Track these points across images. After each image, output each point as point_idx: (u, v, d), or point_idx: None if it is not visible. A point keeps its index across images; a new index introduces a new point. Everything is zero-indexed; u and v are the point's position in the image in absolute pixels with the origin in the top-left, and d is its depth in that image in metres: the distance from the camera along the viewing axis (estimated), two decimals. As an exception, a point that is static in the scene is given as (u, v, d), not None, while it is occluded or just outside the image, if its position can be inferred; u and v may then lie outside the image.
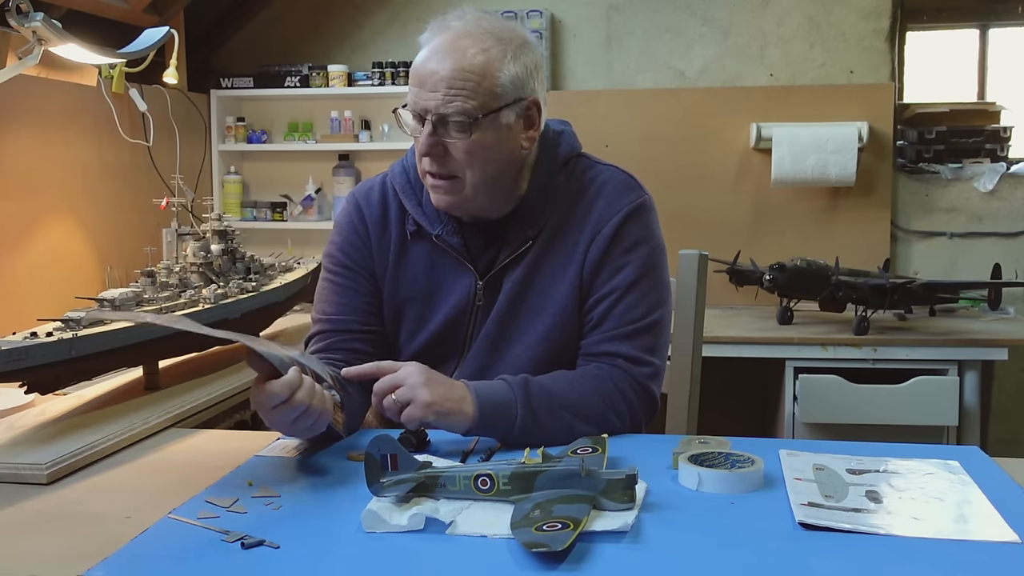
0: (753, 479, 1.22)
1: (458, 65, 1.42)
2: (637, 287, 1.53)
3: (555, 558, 0.99)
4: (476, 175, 1.47)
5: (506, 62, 1.45)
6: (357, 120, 3.78)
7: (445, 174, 1.47)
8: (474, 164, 1.46)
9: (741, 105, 3.54)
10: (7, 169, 2.56)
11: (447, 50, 1.43)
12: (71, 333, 1.66)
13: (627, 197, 1.56)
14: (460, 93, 1.42)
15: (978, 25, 3.69)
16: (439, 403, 1.37)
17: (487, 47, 1.44)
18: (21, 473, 1.37)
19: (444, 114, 1.42)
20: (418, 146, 1.48)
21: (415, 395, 1.37)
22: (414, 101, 1.45)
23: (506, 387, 1.43)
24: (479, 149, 1.45)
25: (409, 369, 1.40)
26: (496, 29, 1.47)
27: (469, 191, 1.48)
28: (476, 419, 1.39)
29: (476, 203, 1.51)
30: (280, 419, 1.28)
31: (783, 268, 2.90)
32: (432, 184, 1.50)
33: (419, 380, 1.38)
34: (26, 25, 2.02)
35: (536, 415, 1.41)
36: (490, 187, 1.50)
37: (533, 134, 1.53)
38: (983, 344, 2.83)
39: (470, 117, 1.43)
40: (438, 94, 1.42)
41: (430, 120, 1.43)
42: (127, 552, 1.06)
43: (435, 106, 1.42)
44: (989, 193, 3.49)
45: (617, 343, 1.51)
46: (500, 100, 1.45)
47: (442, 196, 1.50)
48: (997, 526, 1.08)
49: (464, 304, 1.57)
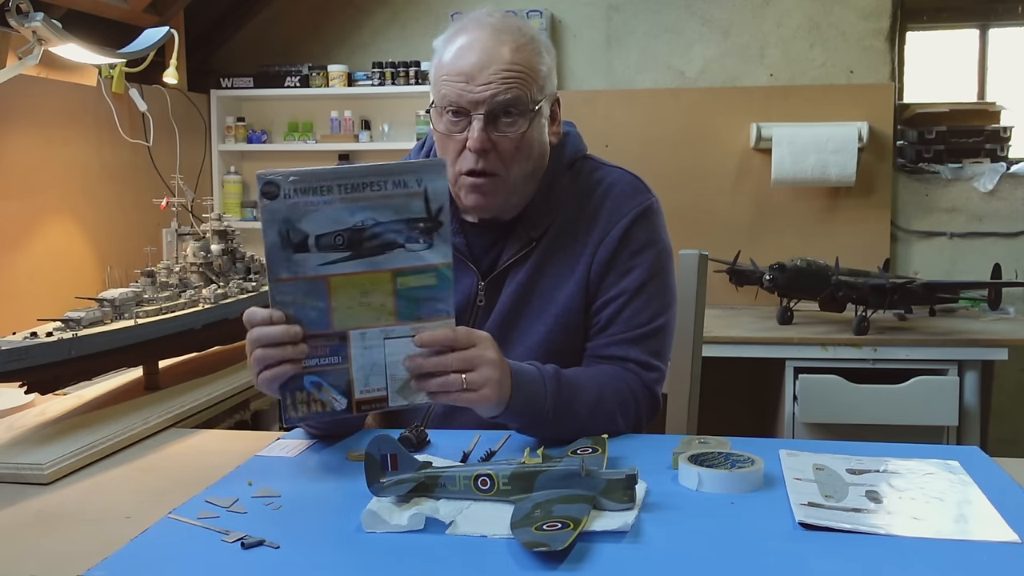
0: (753, 479, 1.22)
1: (508, 58, 1.42)
2: (645, 290, 1.53)
3: (555, 558, 0.99)
4: (519, 171, 1.47)
5: (544, 57, 1.48)
6: (357, 120, 3.78)
7: (490, 171, 1.46)
8: (519, 158, 1.46)
9: (741, 105, 3.54)
10: (7, 169, 2.56)
11: (491, 44, 1.43)
12: (71, 333, 1.66)
13: (635, 199, 1.56)
14: (515, 84, 1.42)
15: (978, 25, 3.69)
16: (499, 403, 1.30)
17: (525, 42, 1.45)
18: (21, 473, 1.37)
19: (501, 103, 1.42)
20: (453, 147, 1.45)
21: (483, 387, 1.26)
22: (458, 96, 1.43)
23: (538, 378, 1.38)
24: (527, 143, 1.46)
25: (488, 356, 1.27)
26: (525, 27, 1.49)
27: (510, 188, 1.48)
28: (505, 411, 1.33)
29: (512, 202, 1.51)
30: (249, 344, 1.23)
31: (783, 268, 2.90)
32: (473, 183, 1.47)
33: (495, 376, 1.27)
34: (26, 25, 2.02)
35: (561, 409, 1.38)
36: (525, 184, 1.51)
37: (557, 129, 1.56)
38: (983, 344, 2.83)
39: (525, 108, 1.44)
40: (492, 85, 1.41)
41: (481, 115, 1.42)
42: (127, 552, 1.06)
43: (488, 98, 1.42)
44: (989, 193, 3.49)
45: (626, 347, 1.51)
46: (542, 93, 1.48)
47: (481, 197, 1.48)
48: (997, 526, 1.08)
49: (465, 304, 1.56)
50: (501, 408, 1.33)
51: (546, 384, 1.39)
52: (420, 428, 1.43)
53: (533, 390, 1.37)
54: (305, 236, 1.20)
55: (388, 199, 1.21)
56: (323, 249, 1.20)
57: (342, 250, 1.21)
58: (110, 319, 1.80)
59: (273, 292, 1.22)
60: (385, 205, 1.21)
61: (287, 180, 1.18)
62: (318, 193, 1.19)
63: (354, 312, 1.24)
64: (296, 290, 1.21)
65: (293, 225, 1.19)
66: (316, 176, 1.19)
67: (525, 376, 1.37)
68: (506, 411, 1.35)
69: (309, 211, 1.19)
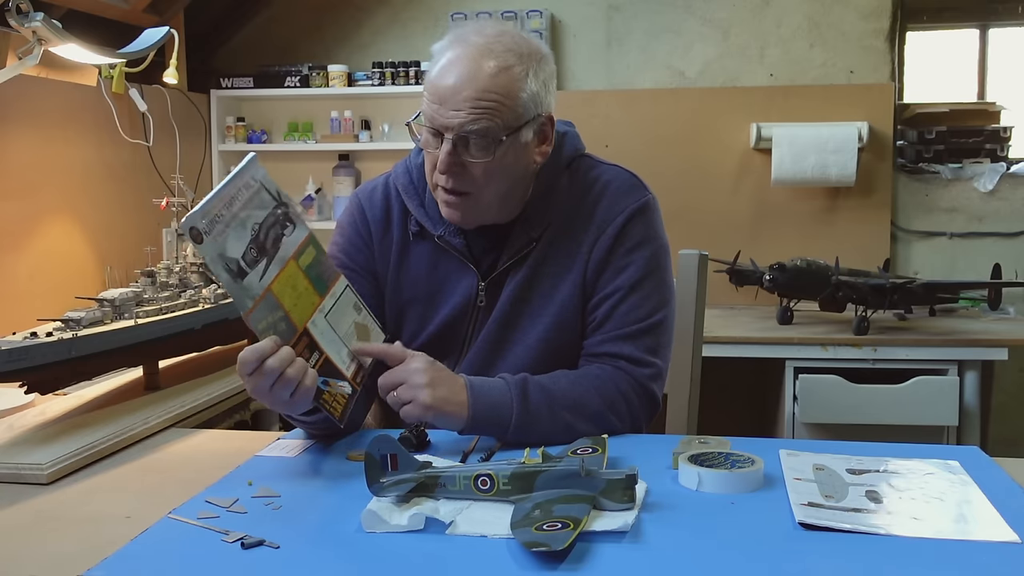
0: (753, 479, 1.22)
1: (482, 85, 1.40)
2: (640, 287, 1.53)
3: (555, 558, 0.99)
4: (490, 192, 1.47)
5: (528, 81, 1.43)
6: (357, 120, 3.78)
7: (460, 190, 1.46)
8: (490, 183, 1.46)
9: (741, 105, 3.54)
10: (7, 169, 2.56)
11: (470, 68, 1.40)
12: (71, 333, 1.66)
13: (631, 197, 1.56)
14: (484, 114, 1.40)
15: (978, 25, 3.69)
16: (438, 407, 1.37)
17: (509, 65, 1.42)
18: (21, 473, 1.37)
19: (467, 134, 1.41)
20: (429, 160, 1.47)
21: (415, 396, 1.37)
22: (432, 117, 1.43)
23: (504, 388, 1.42)
24: (498, 169, 1.45)
25: (415, 366, 1.39)
26: (516, 45, 1.44)
27: (482, 207, 1.49)
28: (470, 421, 1.40)
29: (487, 216, 1.52)
30: (257, 387, 1.25)
31: (783, 268, 2.90)
32: (444, 199, 1.48)
33: (422, 381, 1.38)
34: (26, 25, 2.02)
35: (533, 415, 1.41)
36: (501, 202, 1.50)
37: (546, 148, 1.53)
38: (983, 344, 2.83)
39: (494, 138, 1.41)
40: (461, 112, 1.40)
41: (450, 139, 1.42)
42: (127, 552, 1.06)
43: (457, 125, 1.40)
44: (989, 193, 3.49)
45: (619, 344, 1.51)
46: (521, 119, 1.44)
47: (454, 211, 1.49)
48: (997, 526, 1.08)
49: (465, 305, 1.56)
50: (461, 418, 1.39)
51: (511, 390, 1.42)
52: (420, 428, 1.43)
53: (495, 396, 1.41)
54: (237, 261, 1.24)
55: (251, 202, 1.29)
56: (251, 265, 1.26)
57: (260, 259, 1.27)
58: (110, 319, 1.80)
59: (254, 324, 1.25)
60: (254, 207, 1.29)
61: (197, 218, 1.20)
62: (219, 220, 1.23)
63: (300, 307, 1.32)
64: (264, 312, 1.26)
65: (226, 256, 1.23)
66: (209, 204, 1.22)
67: (485, 384, 1.43)
68: (472, 420, 1.40)
69: (225, 238, 1.23)
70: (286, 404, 1.29)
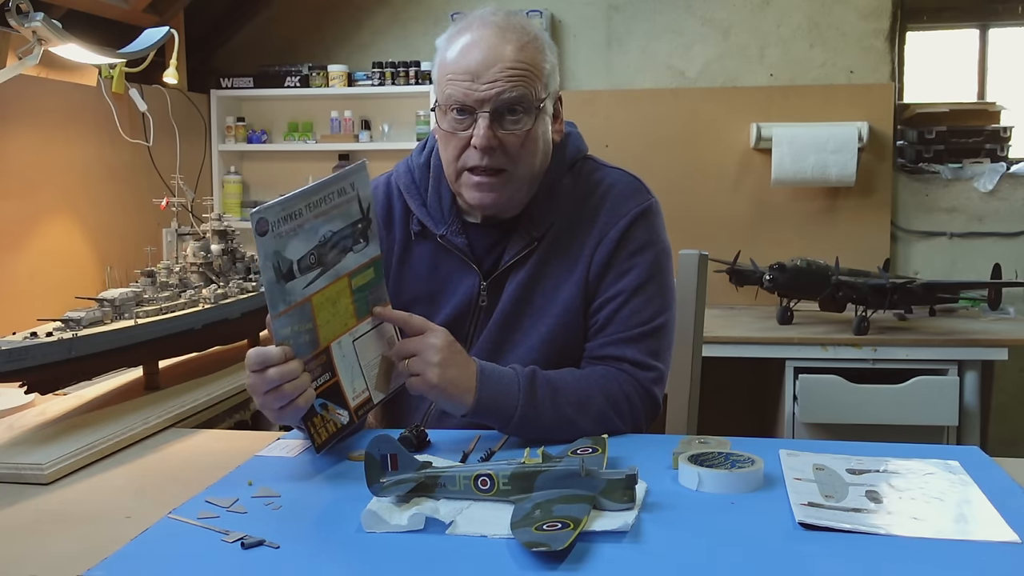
0: (753, 479, 1.22)
1: (513, 56, 1.43)
2: (643, 290, 1.53)
3: (555, 558, 0.99)
4: (525, 167, 1.48)
5: (547, 55, 1.49)
6: (357, 120, 3.78)
7: (494, 168, 1.46)
8: (524, 155, 1.47)
9: (741, 105, 3.54)
10: (7, 169, 2.56)
11: (496, 42, 1.44)
12: (71, 333, 1.66)
13: (634, 200, 1.56)
14: (520, 82, 1.43)
15: (978, 25, 3.69)
16: (443, 388, 1.36)
17: (530, 40, 1.46)
18: (21, 473, 1.37)
19: (507, 101, 1.42)
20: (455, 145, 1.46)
21: (424, 371, 1.36)
22: (464, 94, 1.43)
23: (513, 377, 1.42)
24: (533, 140, 1.47)
25: (432, 341, 1.37)
26: (529, 25, 1.50)
27: (515, 184, 1.49)
28: (475, 406, 1.39)
29: (517, 198, 1.52)
30: (253, 386, 1.26)
31: (783, 268, 2.90)
32: (478, 182, 1.47)
33: (435, 359, 1.36)
34: (26, 25, 2.02)
35: (538, 409, 1.41)
36: (530, 181, 1.51)
37: (560, 127, 1.57)
38: (983, 344, 2.83)
39: (531, 105, 1.44)
40: (498, 83, 1.42)
41: (487, 113, 1.43)
42: (127, 552, 1.06)
43: (494, 95, 1.42)
44: (989, 193, 3.49)
45: (622, 347, 1.51)
46: (546, 90, 1.49)
47: (487, 193, 1.48)
48: (997, 526, 1.08)
49: (467, 304, 1.56)
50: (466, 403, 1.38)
51: (519, 380, 1.41)
52: (420, 428, 1.43)
53: (503, 385, 1.40)
54: (291, 263, 1.23)
55: (337, 209, 1.28)
56: (304, 271, 1.25)
57: (315, 268, 1.26)
58: (110, 319, 1.80)
59: (276, 328, 1.24)
60: (336, 215, 1.28)
61: (273, 211, 1.19)
62: (294, 218, 1.22)
63: (331, 325, 1.31)
64: (291, 320, 1.25)
65: (282, 256, 1.22)
66: (291, 201, 1.22)
67: (495, 372, 1.42)
68: (476, 406, 1.39)
69: (290, 238, 1.22)
70: (273, 412, 1.30)
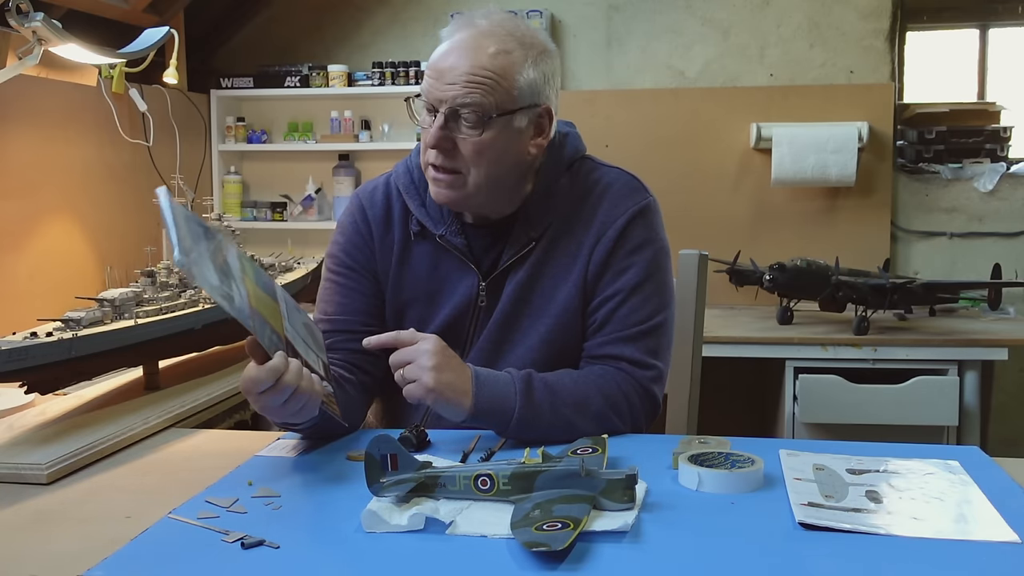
0: (753, 479, 1.22)
1: (479, 62, 1.42)
2: (641, 289, 1.53)
3: (555, 558, 0.99)
4: (480, 174, 1.47)
5: (526, 67, 1.46)
6: (357, 120, 3.78)
7: (448, 168, 1.47)
8: (480, 163, 1.46)
9: (741, 105, 3.54)
10: (7, 169, 2.56)
11: (469, 46, 1.44)
12: (71, 333, 1.66)
13: (632, 199, 1.56)
14: (477, 89, 1.42)
15: (978, 25, 3.69)
16: (440, 391, 1.37)
17: (509, 49, 1.44)
18: (21, 473, 1.37)
19: (458, 107, 1.43)
20: (426, 137, 1.48)
21: (420, 376, 1.37)
22: (428, 91, 1.45)
23: (508, 381, 1.42)
24: (487, 148, 1.46)
25: (425, 347, 1.39)
26: (520, 33, 1.47)
27: (470, 188, 1.48)
28: (472, 411, 1.40)
29: (475, 201, 1.51)
30: (268, 403, 1.27)
31: (783, 268, 2.90)
32: (433, 176, 1.49)
33: (429, 363, 1.37)
34: (26, 25, 2.02)
35: (536, 411, 1.41)
36: (491, 188, 1.50)
37: (541, 142, 1.53)
38: (983, 344, 2.83)
39: (484, 114, 1.43)
40: (455, 87, 1.42)
41: (443, 112, 1.44)
42: (127, 552, 1.06)
43: (451, 98, 1.42)
44: (989, 193, 3.49)
45: (620, 346, 1.51)
46: (515, 103, 1.46)
47: (442, 190, 1.49)
48: (997, 526, 1.08)
49: (466, 305, 1.56)
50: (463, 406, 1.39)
51: (515, 383, 1.42)
52: (420, 428, 1.43)
53: (499, 389, 1.41)
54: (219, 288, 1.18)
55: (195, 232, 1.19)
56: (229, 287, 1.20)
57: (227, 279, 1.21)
58: (110, 319, 1.80)
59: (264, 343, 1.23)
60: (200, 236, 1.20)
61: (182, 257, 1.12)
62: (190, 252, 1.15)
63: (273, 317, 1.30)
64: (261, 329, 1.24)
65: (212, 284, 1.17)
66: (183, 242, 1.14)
67: (490, 376, 1.43)
68: (474, 410, 1.39)
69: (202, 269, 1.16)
70: (295, 415, 1.31)
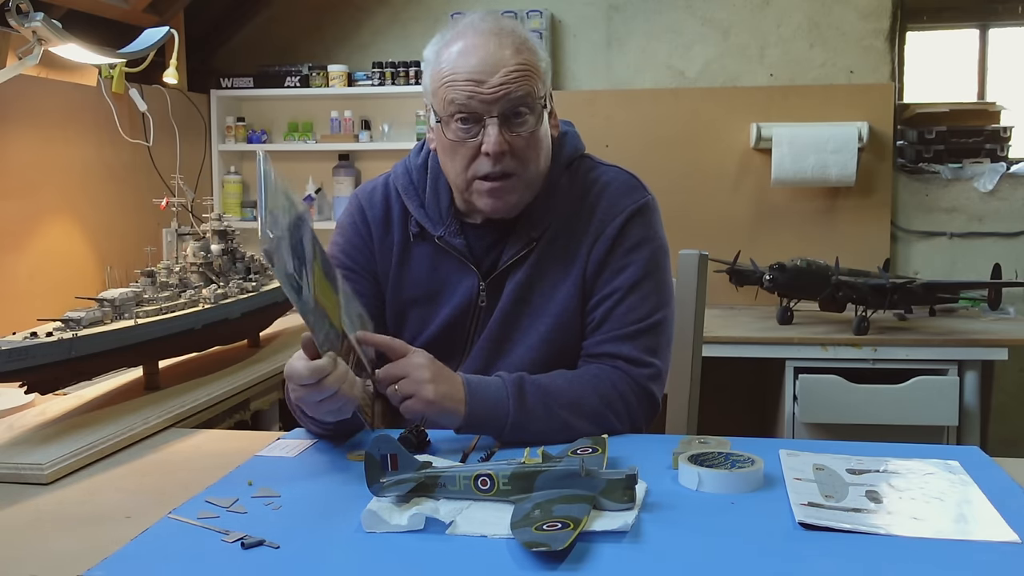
0: (753, 479, 1.22)
1: (513, 57, 1.43)
2: (639, 288, 1.53)
3: (555, 558, 0.99)
4: (533, 168, 1.48)
5: (541, 53, 1.49)
6: (357, 120, 3.78)
7: (503, 173, 1.46)
8: (535, 156, 1.48)
9: (741, 105, 3.54)
10: (7, 169, 2.56)
11: (495, 45, 1.43)
12: (71, 333, 1.66)
13: (630, 198, 1.56)
14: (524, 81, 1.43)
15: (978, 25, 3.69)
16: (439, 402, 1.38)
17: (523, 41, 1.47)
18: (21, 473, 1.37)
19: (514, 102, 1.42)
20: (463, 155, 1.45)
21: (418, 391, 1.37)
22: (467, 101, 1.42)
23: (500, 386, 1.42)
24: (539, 140, 1.48)
25: (417, 361, 1.40)
26: (518, 27, 1.50)
27: (525, 186, 1.49)
28: (467, 419, 1.40)
29: (525, 199, 1.52)
30: (305, 397, 1.27)
31: (783, 268, 2.90)
32: (491, 188, 1.46)
33: (425, 376, 1.38)
34: (26, 25, 2.02)
35: (529, 414, 1.41)
36: (538, 180, 1.52)
37: (556, 122, 1.57)
38: (983, 344, 2.83)
39: (536, 105, 1.45)
40: (504, 86, 1.42)
41: (495, 116, 1.42)
42: (127, 552, 1.06)
43: (503, 97, 1.42)
44: (989, 193, 3.49)
45: (618, 344, 1.51)
46: (546, 87, 1.49)
47: (499, 199, 1.47)
48: (997, 526, 1.08)
49: (467, 305, 1.56)
50: (458, 414, 1.39)
51: (507, 388, 1.42)
52: (420, 428, 1.43)
53: (491, 394, 1.41)
54: (293, 277, 1.19)
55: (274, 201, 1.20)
56: (300, 277, 1.21)
57: (301, 267, 1.22)
58: (110, 319, 1.80)
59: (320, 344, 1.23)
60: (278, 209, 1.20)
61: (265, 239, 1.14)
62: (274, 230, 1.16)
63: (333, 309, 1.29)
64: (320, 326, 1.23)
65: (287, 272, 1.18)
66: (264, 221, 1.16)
67: (481, 383, 1.43)
68: (468, 418, 1.40)
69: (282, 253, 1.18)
70: (327, 414, 1.31)
